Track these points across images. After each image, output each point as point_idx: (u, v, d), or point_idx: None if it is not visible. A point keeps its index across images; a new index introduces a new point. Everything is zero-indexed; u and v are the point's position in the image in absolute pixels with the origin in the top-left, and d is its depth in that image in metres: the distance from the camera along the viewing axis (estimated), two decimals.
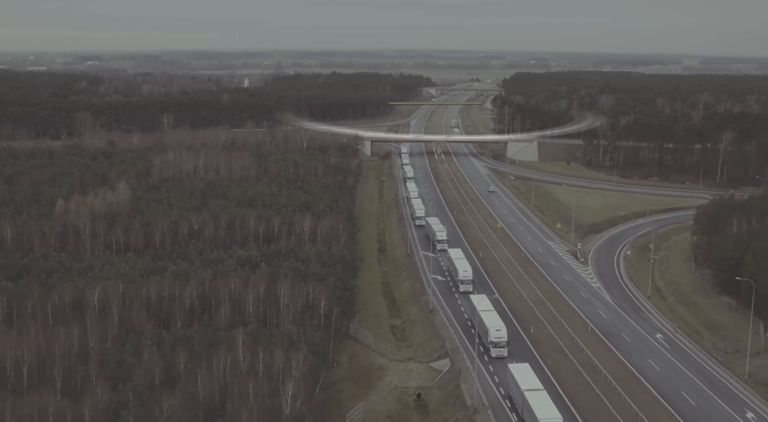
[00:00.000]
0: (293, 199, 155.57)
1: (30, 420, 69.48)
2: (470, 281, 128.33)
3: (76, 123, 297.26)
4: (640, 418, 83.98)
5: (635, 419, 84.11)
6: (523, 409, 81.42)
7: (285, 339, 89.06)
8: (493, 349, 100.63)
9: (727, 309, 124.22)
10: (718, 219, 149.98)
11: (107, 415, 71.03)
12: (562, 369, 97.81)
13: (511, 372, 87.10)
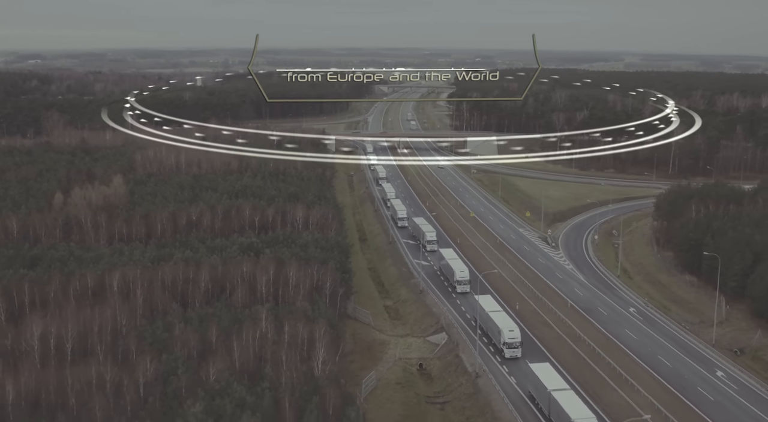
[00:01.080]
0: (282, 190, 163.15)
1: (89, 386, 76.64)
2: (468, 281, 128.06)
3: (44, 121, 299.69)
4: (624, 377, 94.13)
5: (619, 378, 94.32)
6: (550, 409, 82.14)
7: (301, 315, 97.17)
8: (507, 350, 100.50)
9: (690, 286, 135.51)
10: (677, 205, 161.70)
11: (157, 381, 78.47)
12: (549, 339, 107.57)
13: (534, 373, 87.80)
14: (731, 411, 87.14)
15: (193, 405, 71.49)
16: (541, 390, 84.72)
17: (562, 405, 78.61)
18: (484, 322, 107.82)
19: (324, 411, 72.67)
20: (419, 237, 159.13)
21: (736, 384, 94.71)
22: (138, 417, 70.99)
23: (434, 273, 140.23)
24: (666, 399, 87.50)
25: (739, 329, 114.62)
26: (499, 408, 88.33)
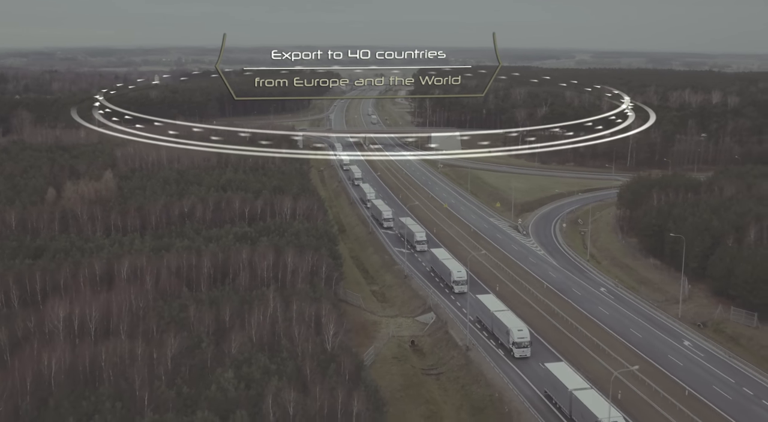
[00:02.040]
0: (267, 183, 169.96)
1: (122, 359, 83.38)
2: (465, 281, 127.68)
3: (12, 120, 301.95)
4: (601, 348, 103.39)
5: (597, 349, 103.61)
6: (572, 409, 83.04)
7: (305, 295, 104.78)
8: (516, 350, 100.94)
9: (654, 268, 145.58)
10: (639, 195, 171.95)
11: (184, 354, 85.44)
12: (530, 316, 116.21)
13: (552, 373, 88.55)
14: (699, 374, 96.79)
15: (224, 373, 78.76)
16: (561, 390, 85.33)
17: (587, 405, 79.28)
18: (490, 322, 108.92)
19: (341, 375, 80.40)
20: (407, 237, 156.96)
21: (702, 352, 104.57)
22: (174, 383, 77.87)
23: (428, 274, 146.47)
24: (640, 365, 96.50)
25: (701, 305, 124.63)
26: (491, 376, 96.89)
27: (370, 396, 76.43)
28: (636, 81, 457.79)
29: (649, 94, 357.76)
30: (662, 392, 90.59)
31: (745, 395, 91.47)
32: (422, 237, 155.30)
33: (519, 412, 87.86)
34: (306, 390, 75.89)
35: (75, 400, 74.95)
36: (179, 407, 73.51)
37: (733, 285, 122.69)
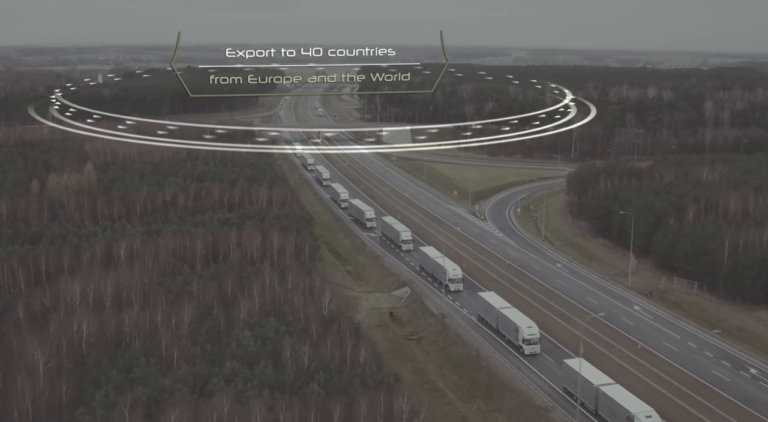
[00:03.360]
0: (241, 174, 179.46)
1: (144, 325, 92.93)
2: (461, 280, 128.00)
3: None
4: (562, 312, 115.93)
5: (559, 313, 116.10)
6: (598, 404, 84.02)
7: (297, 270, 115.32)
8: (526, 347, 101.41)
9: (603, 247, 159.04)
10: (587, 182, 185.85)
11: (198, 320, 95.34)
12: (498, 290, 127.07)
13: (573, 369, 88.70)
14: (649, 332, 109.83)
15: (241, 332, 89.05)
16: (585, 386, 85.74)
17: (617, 401, 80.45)
18: (495, 320, 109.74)
19: (342, 333, 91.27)
20: (392, 237, 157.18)
21: (651, 315, 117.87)
22: (198, 342, 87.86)
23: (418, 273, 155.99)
24: (599, 325, 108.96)
25: (647, 277, 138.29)
26: (467, 338, 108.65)
27: (371, 349, 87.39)
28: (575, 77, 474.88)
29: (589, 89, 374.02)
30: (619, 347, 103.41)
31: (690, 348, 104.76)
32: (408, 237, 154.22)
33: (495, 366, 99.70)
34: (316, 344, 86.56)
35: (110, 359, 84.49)
36: (206, 361, 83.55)
37: (675, 259, 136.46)
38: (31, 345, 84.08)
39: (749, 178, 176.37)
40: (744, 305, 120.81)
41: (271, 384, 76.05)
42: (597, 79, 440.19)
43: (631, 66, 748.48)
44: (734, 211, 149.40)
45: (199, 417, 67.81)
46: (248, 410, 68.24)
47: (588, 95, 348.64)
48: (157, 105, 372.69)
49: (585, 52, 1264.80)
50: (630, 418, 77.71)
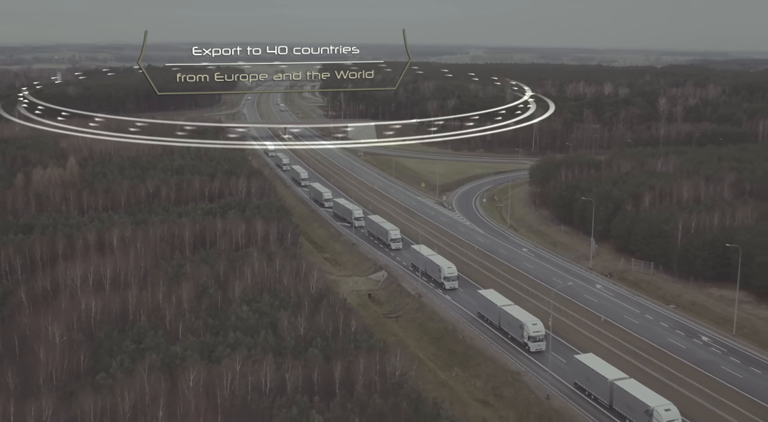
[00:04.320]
0: (218, 167, 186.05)
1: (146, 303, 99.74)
2: (456, 277, 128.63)
3: None
4: (532, 292, 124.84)
5: (527, 291, 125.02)
6: (613, 399, 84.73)
7: (283, 254, 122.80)
8: (532, 344, 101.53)
9: (565, 233, 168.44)
10: (548, 173, 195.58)
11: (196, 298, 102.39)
12: (470, 272, 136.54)
13: (586, 365, 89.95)
14: (611, 307, 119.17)
15: (239, 307, 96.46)
16: (597, 381, 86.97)
17: (635, 395, 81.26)
18: (497, 317, 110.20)
19: (331, 308, 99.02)
20: (380, 235, 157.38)
21: (611, 293, 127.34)
22: (200, 317, 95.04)
23: None
24: (565, 302, 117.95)
25: (607, 260, 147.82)
26: (444, 315, 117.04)
27: (361, 320, 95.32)
28: (532, 75, 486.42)
29: (547, 86, 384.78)
30: (584, 320, 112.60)
31: (648, 320, 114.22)
32: (397, 235, 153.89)
33: (471, 338, 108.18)
34: (309, 317, 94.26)
35: (120, 333, 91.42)
36: (210, 332, 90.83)
37: (632, 242, 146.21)
38: (44, 321, 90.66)
39: (701, 168, 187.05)
40: (696, 283, 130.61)
41: (273, 350, 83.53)
42: (554, 76, 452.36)
43: (586, 64, 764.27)
44: (687, 198, 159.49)
45: (213, 377, 75.10)
46: (258, 370, 75.72)
47: (546, 92, 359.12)
48: (122, 103, 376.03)
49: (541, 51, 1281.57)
50: (648, 412, 78.56)
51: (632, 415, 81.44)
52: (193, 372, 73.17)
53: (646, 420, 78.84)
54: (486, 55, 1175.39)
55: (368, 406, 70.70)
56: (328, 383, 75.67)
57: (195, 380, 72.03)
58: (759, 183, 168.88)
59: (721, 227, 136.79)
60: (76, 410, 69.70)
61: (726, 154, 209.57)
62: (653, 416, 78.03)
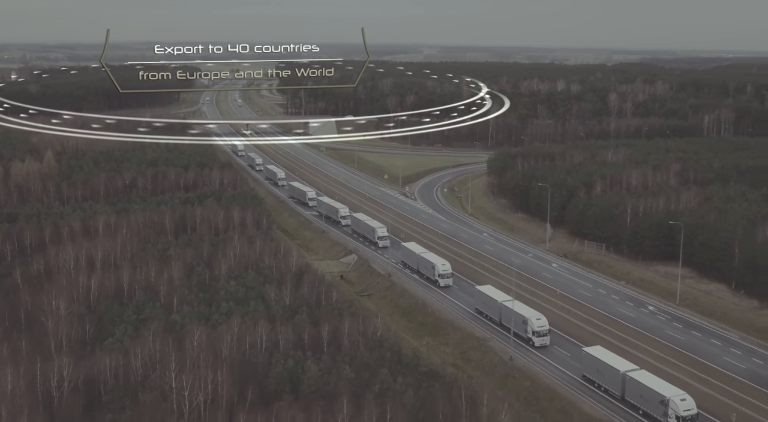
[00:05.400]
0: (191, 160, 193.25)
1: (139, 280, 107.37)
2: (450, 275, 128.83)
3: None
4: (494, 270, 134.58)
5: (489, 271, 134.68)
6: (625, 391, 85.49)
7: (262, 236, 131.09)
8: (536, 339, 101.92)
9: (523, 220, 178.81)
10: (506, 164, 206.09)
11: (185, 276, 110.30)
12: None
13: (596, 357, 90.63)
14: (566, 283, 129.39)
15: (227, 283, 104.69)
16: (608, 373, 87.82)
17: (649, 386, 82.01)
18: (497, 313, 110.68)
19: (311, 283, 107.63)
20: (367, 233, 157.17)
21: (566, 271, 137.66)
22: (193, 290, 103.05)
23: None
24: (525, 279, 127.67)
25: (562, 243, 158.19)
26: (413, 292, 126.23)
27: (342, 292, 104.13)
28: (487, 72, 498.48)
29: (502, 83, 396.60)
30: (541, 293, 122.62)
31: (600, 293, 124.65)
32: (384, 233, 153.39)
33: (440, 311, 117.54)
34: (293, 290, 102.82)
35: (119, 305, 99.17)
36: (203, 304, 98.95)
37: (585, 226, 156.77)
38: (47, 296, 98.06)
39: (648, 158, 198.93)
40: (644, 261, 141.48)
41: (264, 317, 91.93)
42: (508, 73, 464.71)
43: (539, 62, 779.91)
44: (635, 185, 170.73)
45: (214, 339, 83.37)
46: (254, 332, 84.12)
47: (501, 88, 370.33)
48: (84, 100, 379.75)
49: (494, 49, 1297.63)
50: (664, 402, 79.30)
51: (646, 406, 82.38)
52: (197, 334, 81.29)
53: (662, 411, 79.75)
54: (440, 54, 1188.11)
55: (356, 358, 79.67)
56: (317, 342, 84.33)
57: (198, 340, 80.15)
58: (702, 171, 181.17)
59: (667, 211, 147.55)
60: (92, 368, 77.48)
61: (672, 146, 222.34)
62: (669, 406, 78.99)
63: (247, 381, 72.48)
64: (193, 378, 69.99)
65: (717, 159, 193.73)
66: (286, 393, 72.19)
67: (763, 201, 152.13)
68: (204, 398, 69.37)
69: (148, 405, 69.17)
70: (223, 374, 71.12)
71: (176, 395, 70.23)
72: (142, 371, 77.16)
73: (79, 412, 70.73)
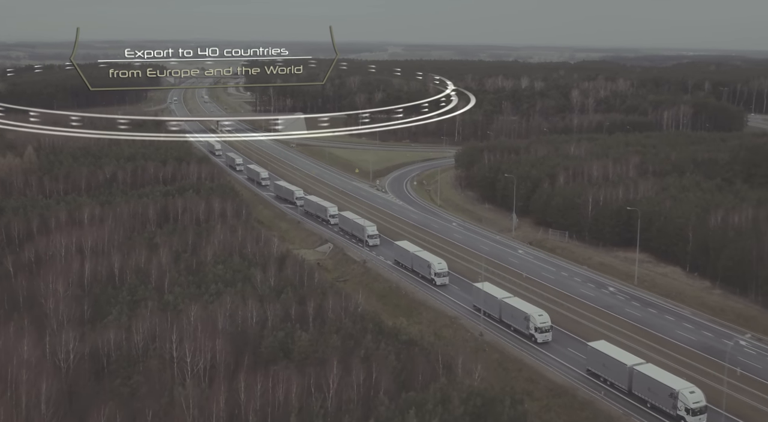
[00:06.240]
0: (169, 154, 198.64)
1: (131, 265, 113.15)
2: (446, 273, 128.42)
3: None
4: (463, 257, 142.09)
5: (459, 256, 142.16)
6: (633, 384, 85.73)
7: (243, 224, 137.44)
8: (539, 335, 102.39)
9: (490, 210, 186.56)
10: (473, 158, 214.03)
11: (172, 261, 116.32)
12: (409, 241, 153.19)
13: (600, 351, 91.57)
14: (531, 267, 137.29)
15: (215, 266, 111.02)
16: (614, 367, 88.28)
17: (658, 379, 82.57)
18: (497, 310, 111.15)
19: (294, 266, 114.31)
20: (356, 232, 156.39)
21: (532, 256, 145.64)
22: (182, 274, 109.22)
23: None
24: (493, 264, 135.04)
25: (528, 231, 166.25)
26: (387, 276, 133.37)
27: (323, 274, 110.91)
28: (453, 70, 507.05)
29: (468, 80, 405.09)
30: (509, 276, 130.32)
31: (563, 275, 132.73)
32: (374, 232, 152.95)
33: (413, 293, 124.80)
34: (277, 272, 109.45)
35: (113, 288, 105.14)
36: (192, 286, 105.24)
37: (549, 215, 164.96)
38: (44, 280, 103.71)
39: (609, 152, 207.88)
40: (605, 247, 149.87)
41: (252, 296, 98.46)
42: (473, 71, 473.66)
43: (503, 60, 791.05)
44: (596, 177, 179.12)
45: (208, 315, 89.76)
46: (245, 309, 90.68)
47: (467, 86, 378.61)
48: (53, 98, 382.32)
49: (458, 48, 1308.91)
50: (673, 395, 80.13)
51: (654, 399, 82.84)
52: (193, 309, 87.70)
53: (671, 404, 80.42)
54: (405, 52, 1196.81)
55: (341, 329, 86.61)
56: (304, 317, 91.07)
57: (194, 316, 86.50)
58: (660, 164, 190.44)
59: (626, 200, 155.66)
60: (96, 341, 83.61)
61: (632, 140, 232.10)
62: (678, 398, 79.69)
63: (243, 350, 79.18)
64: (194, 348, 76.42)
65: (674, 152, 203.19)
66: (279, 359, 78.96)
67: (716, 190, 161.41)
68: (204, 365, 75.83)
69: (153, 371, 75.50)
70: (220, 343, 77.66)
71: (178, 362, 76.66)
72: (143, 343, 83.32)
73: (90, 379, 76.88)
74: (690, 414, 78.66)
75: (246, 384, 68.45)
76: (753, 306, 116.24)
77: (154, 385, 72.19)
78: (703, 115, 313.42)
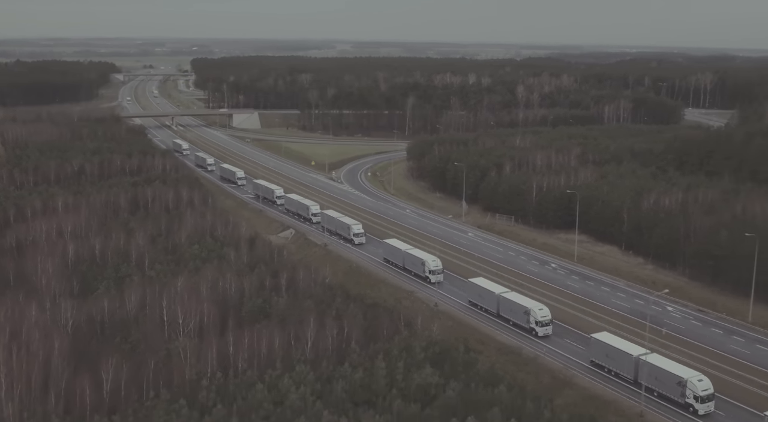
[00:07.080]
0: (134, 147, 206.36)
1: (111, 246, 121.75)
2: (441, 271, 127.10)
3: None
4: (418, 240, 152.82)
5: (413, 240, 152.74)
6: (639, 374, 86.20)
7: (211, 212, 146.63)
8: (540, 329, 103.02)
9: (440, 199, 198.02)
10: (424, 149, 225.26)
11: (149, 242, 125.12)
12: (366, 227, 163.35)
13: (605, 342, 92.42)
14: (480, 248, 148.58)
15: (191, 246, 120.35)
16: (620, 358, 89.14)
17: (666, 368, 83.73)
18: (495, 305, 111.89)
19: (263, 246, 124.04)
20: (341, 230, 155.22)
21: (481, 239, 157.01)
22: (160, 253, 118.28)
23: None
24: (446, 246, 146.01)
25: (477, 217, 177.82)
26: (348, 257, 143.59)
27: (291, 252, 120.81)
28: (401, 67, 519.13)
29: (416, 76, 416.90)
30: (460, 256, 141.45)
31: (510, 255, 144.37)
32: (360, 230, 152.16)
33: (374, 272, 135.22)
34: (249, 251, 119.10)
35: (98, 267, 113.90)
36: (171, 263, 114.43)
37: (496, 201, 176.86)
38: (32, 261, 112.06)
39: (553, 143, 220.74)
40: (548, 230, 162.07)
41: (229, 270, 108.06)
42: (422, 68, 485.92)
43: (450, 57, 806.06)
44: (540, 166, 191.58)
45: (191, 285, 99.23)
46: (224, 281, 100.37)
47: (416, 81, 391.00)
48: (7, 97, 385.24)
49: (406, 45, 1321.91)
50: (682, 383, 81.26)
51: (662, 388, 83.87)
52: (181, 278, 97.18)
53: (679, 392, 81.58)
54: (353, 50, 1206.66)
55: (313, 295, 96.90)
56: (278, 287, 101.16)
57: (180, 286, 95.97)
58: (600, 154, 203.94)
59: (567, 186, 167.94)
60: (91, 310, 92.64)
61: (575, 132, 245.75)
62: (687, 386, 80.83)
63: (227, 314, 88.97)
64: (184, 311, 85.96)
65: (614, 143, 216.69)
66: (261, 320, 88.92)
67: (651, 177, 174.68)
68: (194, 326, 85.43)
69: (148, 332, 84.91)
70: (207, 307, 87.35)
71: (170, 324, 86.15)
72: (135, 311, 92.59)
73: (93, 339, 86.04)
74: (699, 401, 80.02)
75: (234, 339, 78.29)
76: (681, 278, 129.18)
77: (152, 342, 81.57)
78: (643, 109, 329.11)
